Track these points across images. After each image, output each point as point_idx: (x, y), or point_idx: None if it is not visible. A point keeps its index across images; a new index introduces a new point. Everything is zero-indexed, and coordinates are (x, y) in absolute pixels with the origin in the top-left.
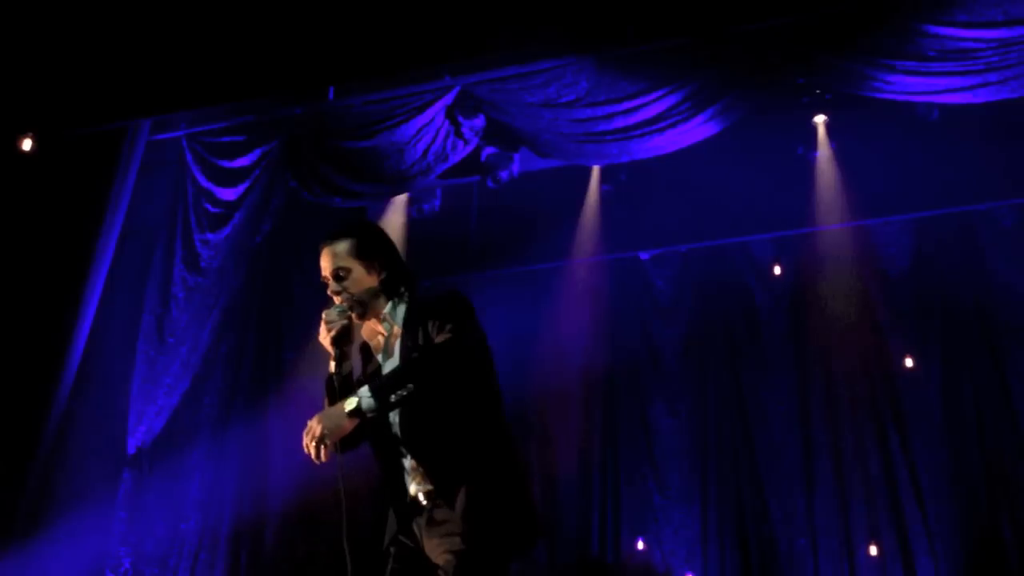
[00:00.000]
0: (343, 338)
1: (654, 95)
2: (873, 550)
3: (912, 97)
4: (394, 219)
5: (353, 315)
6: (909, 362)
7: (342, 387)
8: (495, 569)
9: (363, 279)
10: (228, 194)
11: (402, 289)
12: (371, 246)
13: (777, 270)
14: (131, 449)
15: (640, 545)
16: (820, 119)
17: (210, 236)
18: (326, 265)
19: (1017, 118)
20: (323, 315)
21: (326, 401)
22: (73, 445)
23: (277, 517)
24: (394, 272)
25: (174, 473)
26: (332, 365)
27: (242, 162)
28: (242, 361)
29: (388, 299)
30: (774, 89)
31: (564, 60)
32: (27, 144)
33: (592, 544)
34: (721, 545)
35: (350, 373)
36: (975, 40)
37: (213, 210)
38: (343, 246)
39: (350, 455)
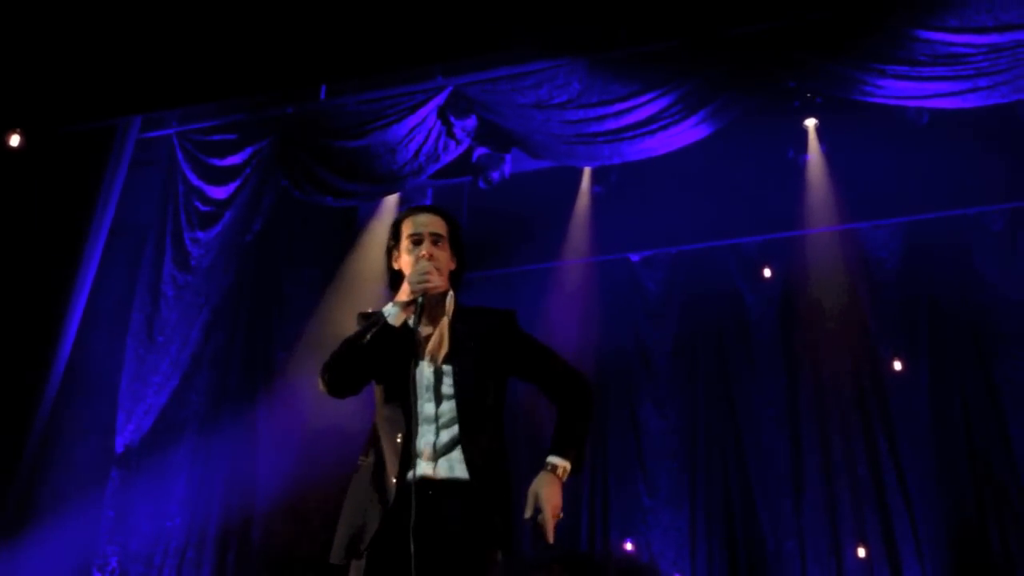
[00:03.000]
0: (424, 293)
1: (646, 97)
2: (861, 552)
3: (902, 101)
4: (385, 219)
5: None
6: (898, 365)
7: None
8: (493, 562)
9: (447, 260)
10: (219, 192)
11: (457, 285)
12: (460, 240)
13: (767, 272)
14: (119, 448)
15: (629, 546)
16: (811, 122)
17: (200, 234)
18: (421, 226)
19: (1007, 123)
20: (427, 264)
21: (367, 337)
22: (61, 443)
23: (264, 515)
24: (461, 270)
25: (162, 472)
26: (397, 310)
27: (233, 160)
28: (231, 360)
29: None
30: (765, 92)
31: (556, 61)
32: (15, 140)
33: (580, 545)
34: (709, 546)
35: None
36: (966, 45)
37: (204, 208)
38: (441, 222)
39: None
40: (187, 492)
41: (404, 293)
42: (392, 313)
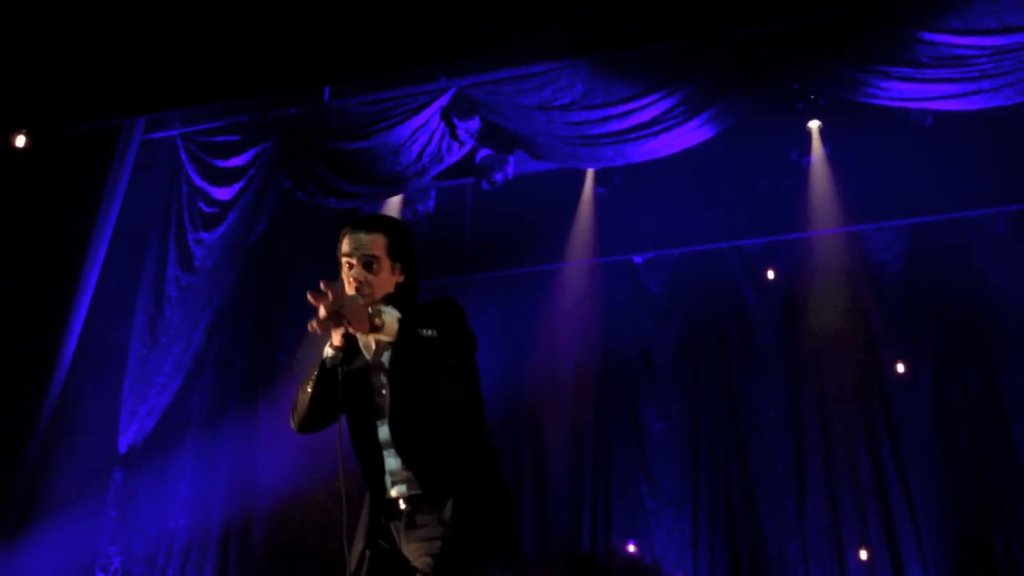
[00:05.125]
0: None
1: (649, 99)
2: (863, 555)
3: (906, 103)
4: None
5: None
6: (901, 367)
7: (345, 377)
8: (473, 574)
9: (386, 278)
10: (222, 193)
11: (410, 295)
12: (403, 249)
13: (770, 274)
14: (122, 448)
15: (631, 548)
16: (814, 124)
17: (204, 235)
18: (355, 248)
19: (1010, 125)
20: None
21: (310, 385)
22: (64, 444)
23: (265, 516)
24: (411, 279)
25: (165, 472)
26: (333, 352)
27: (237, 162)
28: (233, 361)
29: (392, 301)
30: (769, 94)
31: (559, 63)
32: (21, 141)
33: (583, 546)
34: (712, 549)
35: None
36: (970, 47)
37: (207, 209)
38: (380, 238)
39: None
40: (190, 493)
41: (335, 335)
42: (329, 356)
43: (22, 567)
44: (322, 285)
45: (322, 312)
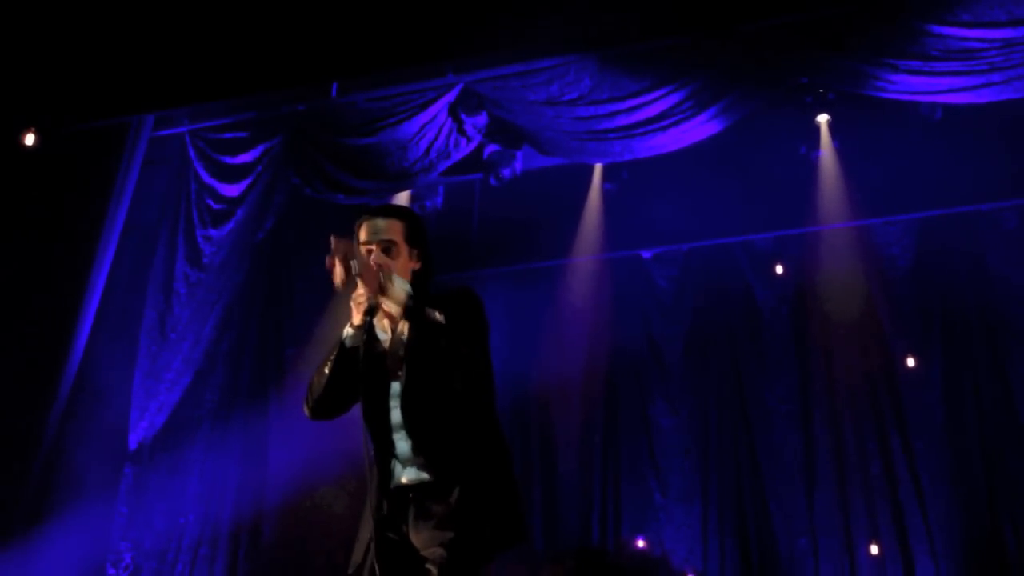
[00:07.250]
0: (373, 310)
1: (657, 93)
2: (874, 549)
3: (915, 97)
4: None
5: None
6: (911, 362)
7: (367, 357)
8: (482, 563)
9: (404, 264)
10: (231, 190)
11: (424, 283)
12: (418, 234)
13: (779, 269)
14: (132, 444)
15: (641, 543)
16: (823, 118)
17: (212, 232)
18: (373, 233)
19: (1021, 118)
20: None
21: (327, 366)
22: (75, 440)
23: (275, 512)
24: (427, 266)
25: (175, 468)
26: (353, 331)
27: (245, 158)
28: (243, 357)
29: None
30: (777, 88)
31: (567, 58)
32: (30, 139)
33: (593, 542)
34: (722, 544)
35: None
36: (979, 40)
37: (216, 206)
38: (396, 224)
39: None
40: (201, 488)
41: (356, 314)
42: (349, 335)
43: (34, 563)
44: (333, 241)
45: (338, 269)
